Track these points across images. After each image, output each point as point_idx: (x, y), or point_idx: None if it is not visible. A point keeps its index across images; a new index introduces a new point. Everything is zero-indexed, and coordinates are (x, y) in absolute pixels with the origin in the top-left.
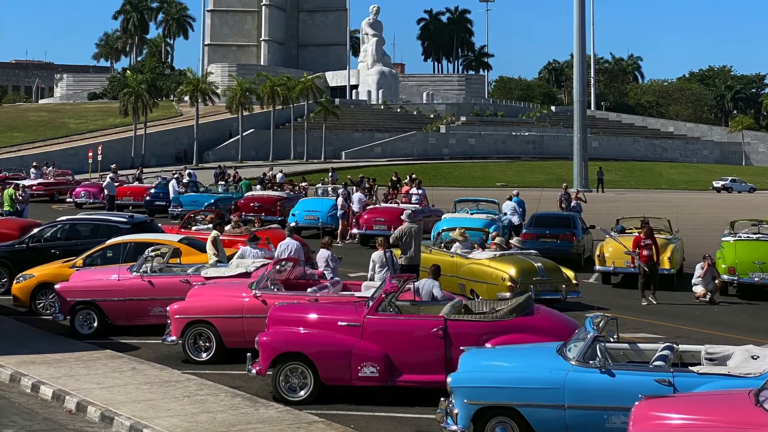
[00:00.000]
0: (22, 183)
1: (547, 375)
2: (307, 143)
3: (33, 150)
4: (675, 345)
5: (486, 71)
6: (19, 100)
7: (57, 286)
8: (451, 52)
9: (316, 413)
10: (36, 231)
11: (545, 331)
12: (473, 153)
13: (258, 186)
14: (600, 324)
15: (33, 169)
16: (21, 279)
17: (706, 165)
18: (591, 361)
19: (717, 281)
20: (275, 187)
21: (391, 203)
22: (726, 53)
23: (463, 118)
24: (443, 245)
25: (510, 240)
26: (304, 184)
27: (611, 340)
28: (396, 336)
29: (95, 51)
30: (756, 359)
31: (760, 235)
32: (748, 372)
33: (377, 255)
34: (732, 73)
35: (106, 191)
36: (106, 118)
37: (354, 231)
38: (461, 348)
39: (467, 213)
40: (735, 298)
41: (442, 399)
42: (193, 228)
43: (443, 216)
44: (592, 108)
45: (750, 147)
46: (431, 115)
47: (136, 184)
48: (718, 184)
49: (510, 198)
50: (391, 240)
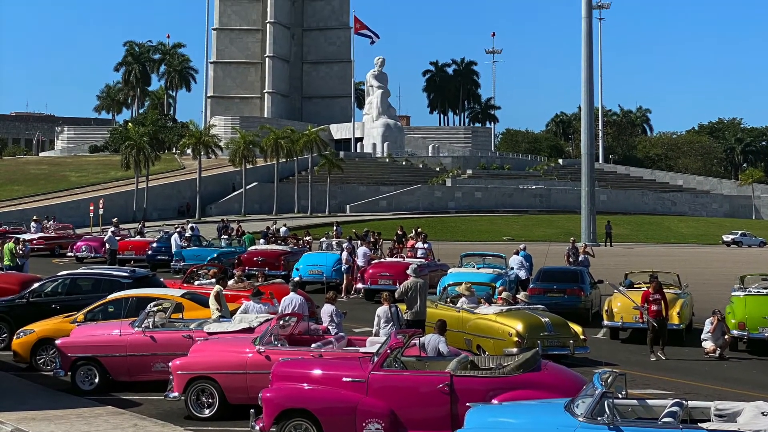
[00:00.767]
0: (22, 237)
1: None
2: (312, 197)
3: (33, 203)
4: (684, 401)
5: (492, 123)
6: (20, 152)
7: (58, 341)
8: (458, 104)
9: None
10: (36, 286)
11: (553, 388)
12: (480, 206)
13: (261, 240)
14: (608, 380)
15: (33, 223)
16: (21, 334)
17: (715, 219)
18: (599, 418)
19: (727, 336)
20: (279, 242)
21: (397, 257)
22: (736, 105)
23: (470, 171)
24: (449, 300)
25: (517, 295)
26: (308, 238)
27: (619, 396)
28: (401, 392)
29: (96, 103)
30: (766, 416)
31: None
32: (758, 429)
33: (382, 310)
34: (742, 126)
35: (107, 245)
36: (107, 171)
37: (359, 286)
38: (467, 404)
39: (474, 267)
40: (745, 353)
41: None
42: (196, 283)
43: (449, 270)
44: (600, 161)
45: (760, 200)
46: (437, 168)
47: (138, 238)
48: (727, 238)
49: (517, 252)
50: (397, 295)
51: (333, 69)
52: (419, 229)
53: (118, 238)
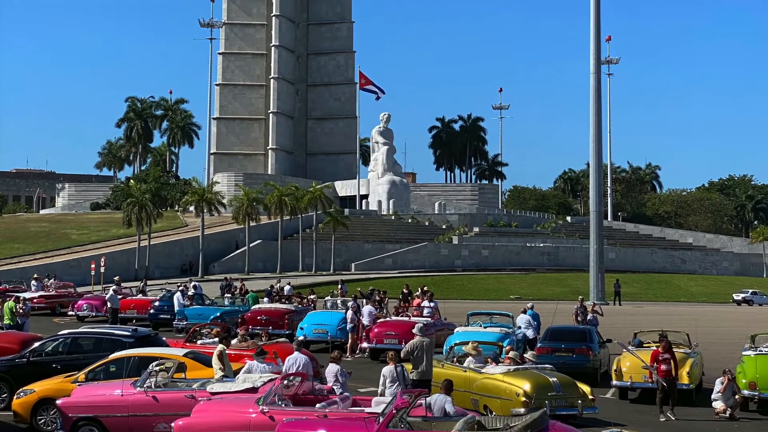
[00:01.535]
0: (22, 295)
1: None
2: (316, 255)
3: (34, 261)
4: None
5: (500, 180)
6: (20, 210)
7: (59, 401)
8: (464, 160)
9: None
10: (37, 345)
11: None
12: (487, 264)
13: (265, 299)
14: None
15: (34, 281)
16: (22, 394)
17: (726, 277)
18: None
19: (737, 396)
20: (283, 300)
21: (402, 316)
22: (746, 162)
23: (476, 228)
24: (456, 359)
25: (524, 354)
26: (312, 296)
27: None
28: None
29: (98, 160)
30: None
31: None
32: None
33: (388, 369)
34: (753, 183)
35: (109, 304)
36: (109, 228)
37: (364, 345)
38: None
39: (480, 326)
40: (756, 414)
41: None
42: (199, 342)
43: (456, 329)
44: (608, 218)
45: None
46: (443, 226)
47: (139, 296)
48: (738, 296)
49: (524, 311)
50: (402, 354)
51: (338, 125)
52: (425, 288)
53: (119, 296)
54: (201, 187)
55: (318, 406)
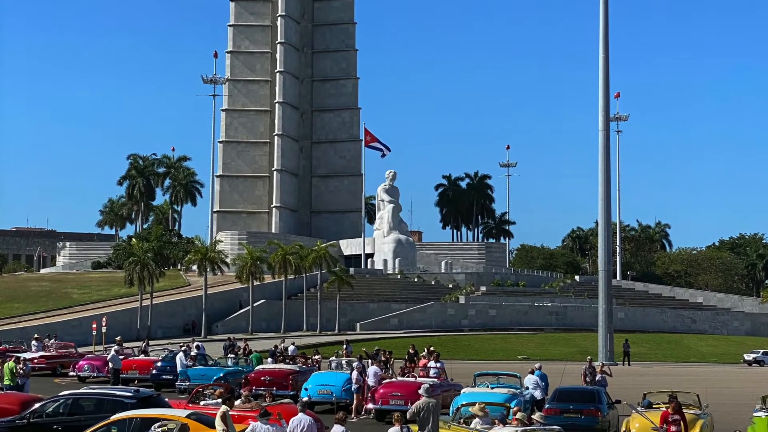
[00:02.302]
0: (22, 356)
1: None
2: (321, 314)
3: (34, 321)
4: None
5: (507, 239)
6: (20, 269)
7: None
8: (471, 218)
9: None
10: (37, 406)
11: None
12: (494, 324)
13: (269, 359)
14: None
15: (34, 342)
16: None
17: (736, 337)
18: None
19: None
20: (287, 360)
21: (408, 377)
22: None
23: (483, 288)
24: (463, 421)
25: (532, 415)
26: (317, 357)
27: None
28: None
29: (99, 218)
30: None
31: None
32: None
33: (394, 431)
34: (764, 241)
35: (110, 364)
36: (110, 288)
37: (369, 406)
38: None
39: (487, 387)
40: None
41: None
42: (202, 403)
43: (462, 390)
44: (617, 277)
45: None
46: (450, 285)
47: (141, 357)
48: (749, 357)
49: (532, 371)
50: (408, 415)
51: (343, 183)
52: (431, 348)
53: (121, 356)
54: (204, 246)
55: None
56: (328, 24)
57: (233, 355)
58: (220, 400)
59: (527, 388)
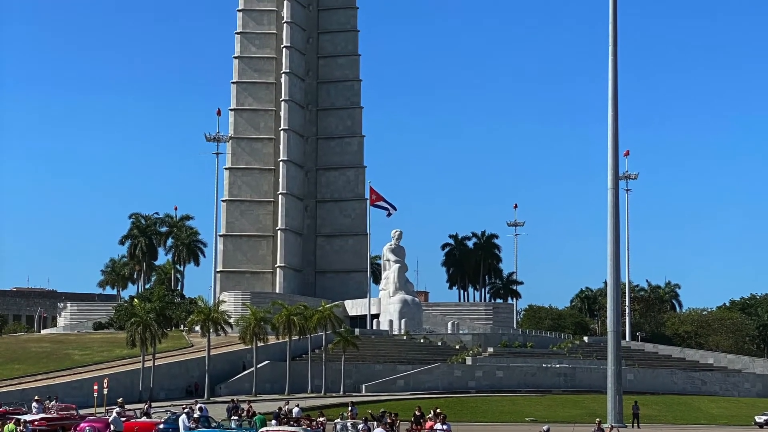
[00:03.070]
0: (23, 418)
1: None
2: (325, 376)
3: (35, 383)
4: None
5: (514, 299)
6: (21, 329)
7: None
8: (478, 278)
9: None
10: None
11: None
12: (501, 386)
13: (273, 421)
14: None
15: (35, 403)
16: None
17: (747, 399)
18: None
19: None
20: (291, 422)
21: None
22: None
23: (491, 349)
24: None
25: None
26: (322, 419)
27: None
28: None
29: (101, 278)
30: None
31: None
32: None
33: None
34: None
35: (112, 426)
36: (112, 349)
37: None
38: None
39: None
40: None
41: None
42: None
43: None
44: (627, 338)
45: None
46: (457, 346)
47: (144, 419)
48: (760, 419)
49: None
50: None
51: (348, 242)
52: (438, 410)
53: (123, 419)
54: (207, 307)
55: None
56: (332, 81)
57: (236, 418)
58: None
59: None
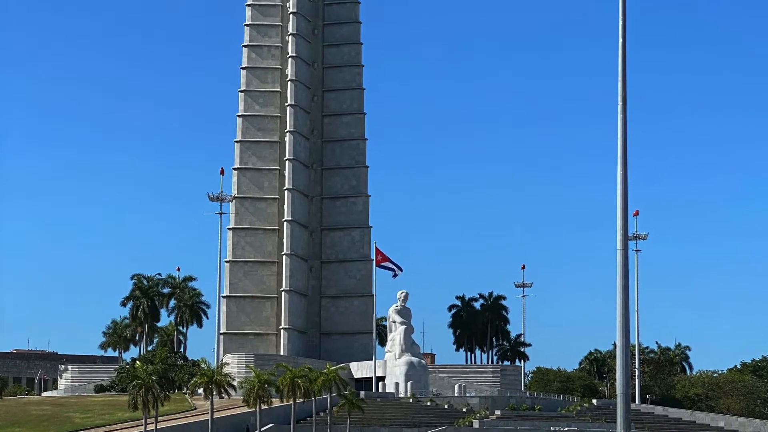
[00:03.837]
0: None
1: None
2: None
3: None
4: None
5: (522, 361)
6: (21, 392)
7: None
8: (485, 340)
9: None
10: None
11: None
12: None
13: None
14: None
15: None
16: None
17: None
18: None
19: None
20: None
21: None
22: None
23: (498, 412)
24: None
25: None
26: None
27: None
28: None
29: (102, 340)
30: None
31: None
32: None
33: None
34: None
35: None
36: (114, 412)
37: None
38: None
39: None
40: None
41: None
42: None
43: None
44: (636, 401)
45: None
46: (464, 409)
47: None
48: None
49: None
50: None
51: (353, 304)
52: None
53: None
54: (210, 369)
55: None
56: (338, 140)
57: None
58: None
59: None
